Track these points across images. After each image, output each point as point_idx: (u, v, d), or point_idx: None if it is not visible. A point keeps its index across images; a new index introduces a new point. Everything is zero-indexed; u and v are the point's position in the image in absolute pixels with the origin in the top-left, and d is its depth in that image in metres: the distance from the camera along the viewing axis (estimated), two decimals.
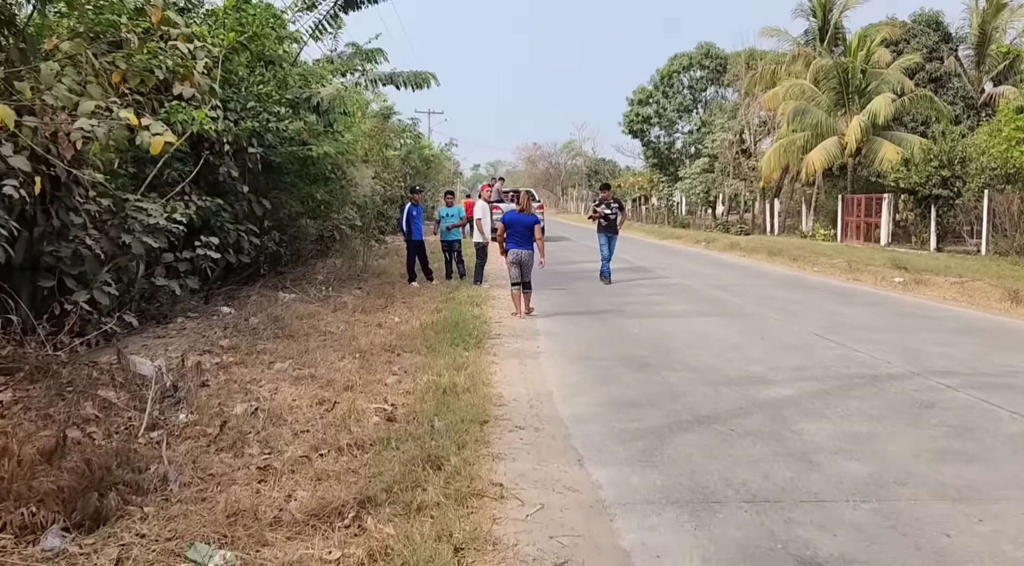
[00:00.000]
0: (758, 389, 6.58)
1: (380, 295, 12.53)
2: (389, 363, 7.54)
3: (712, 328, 9.68)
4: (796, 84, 30.38)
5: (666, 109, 44.96)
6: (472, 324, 9.34)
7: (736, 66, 39.67)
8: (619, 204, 15.40)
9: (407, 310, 11.13)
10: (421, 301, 11.98)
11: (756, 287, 14.23)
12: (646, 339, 8.96)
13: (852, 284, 15.07)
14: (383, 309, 11.07)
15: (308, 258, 16.14)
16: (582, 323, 10.13)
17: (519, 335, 9.20)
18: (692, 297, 12.73)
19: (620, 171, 70.14)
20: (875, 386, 6.68)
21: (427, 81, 13.80)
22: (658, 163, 48.17)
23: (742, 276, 16.45)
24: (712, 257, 22.17)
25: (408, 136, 28.30)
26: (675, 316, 10.70)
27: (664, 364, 7.61)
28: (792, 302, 12.12)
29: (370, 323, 9.78)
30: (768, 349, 8.32)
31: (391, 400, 6.15)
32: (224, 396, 6.08)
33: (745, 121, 38.15)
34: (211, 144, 10.05)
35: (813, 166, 28.64)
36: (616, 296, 12.90)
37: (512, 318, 10.51)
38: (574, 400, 6.30)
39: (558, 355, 8.08)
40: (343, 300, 10.94)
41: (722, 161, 39.34)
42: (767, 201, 36.38)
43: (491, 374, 7.06)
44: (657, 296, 12.82)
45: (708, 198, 42.11)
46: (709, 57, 43.76)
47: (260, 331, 8.77)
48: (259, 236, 11.65)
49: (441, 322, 9.54)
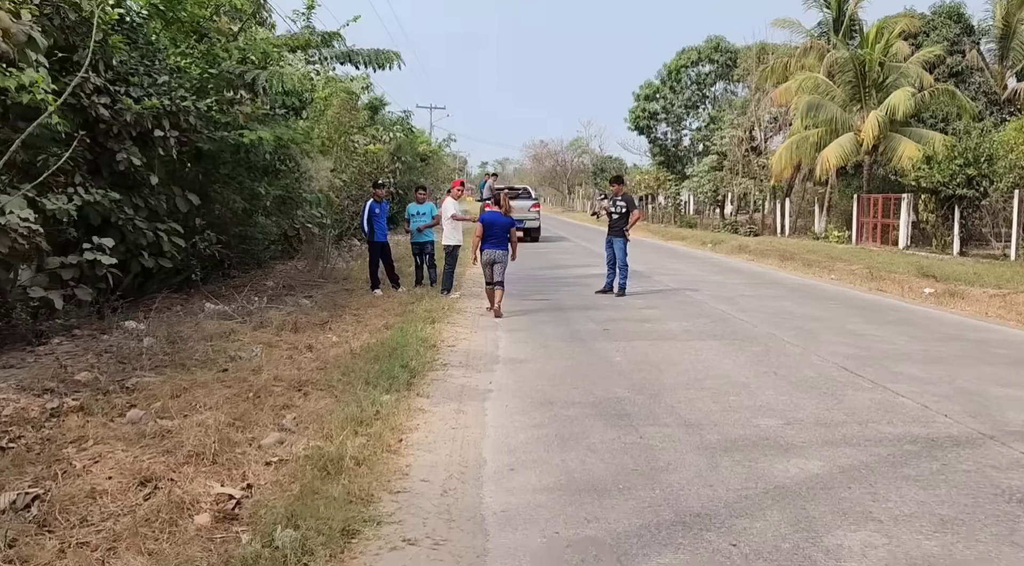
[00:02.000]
0: (772, 461, 4.64)
1: (331, 306, 10.65)
2: (284, 409, 5.65)
3: (713, 356, 7.73)
4: (810, 77, 28.23)
5: (673, 105, 42.70)
6: (415, 350, 7.42)
7: (747, 60, 37.49)
8: (628, 201, 12.55)
9: (353, 326, 9.25)
10: (375, 314, 10.09)
11: (767, 299, 12.24)
12: (630, 372, 7.03)
13: (876, 295, 13.04)
14: (323, 325, 9.18)
15: (266, 260, 14.30)
16: (555, 347, 8.20)
17: (471, 365, 7.27)
18: (692, 312, 10.76)
19: (627, 169, 67.94)
20: (935, 458, 4.72)
21: (390, 60, 11.91)
22: (665, 161, 45.91)
23: (751, 285, 14.43)
24: (719, 261, 20.14)
25: (398, 129, 26.40)
26: (670, 338, 8.74)
27: (648, 414, 5.67)
28: (810, 319, 10.13)
29: (297, 345, 7.89)
30: (783, 389, 6.38)
31: (251, 477, 4.27)
32: (9, 471, 4.21)
33: (755, 117, 36.02)
34: (108, 125, 8.20)
35: (827, 164, 26.49)
36: (603, 310, 10.95)
37: (470, 339, 8.58)
38: (512, 479, 4.38)
39: (513, 397, 6.16)
40: (268, 316, 9.02)
41: (731, 159, 37.17)
42: (778, 201, 34.27)
43: (409, 431, 5.14)
44: (651, 310, 10.85)
45: (716, 197, 39.93)
46: (719, 51, 41.47)
47: (145, 357, 6.90)
48: (184, 237, 9.80)
49: (380, 346, 7.64)
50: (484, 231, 10.62)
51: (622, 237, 12.32)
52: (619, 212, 12.46)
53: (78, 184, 7.81)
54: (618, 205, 12.51)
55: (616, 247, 12.37)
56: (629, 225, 12.39)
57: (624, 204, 12.49)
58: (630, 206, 12.50)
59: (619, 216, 12.46)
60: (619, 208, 12.47)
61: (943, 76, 30.04)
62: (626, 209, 12.45)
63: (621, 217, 12.45)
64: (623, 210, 12.45)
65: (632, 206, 12.52)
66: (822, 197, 31.67)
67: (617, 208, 12.50)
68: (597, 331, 9.13)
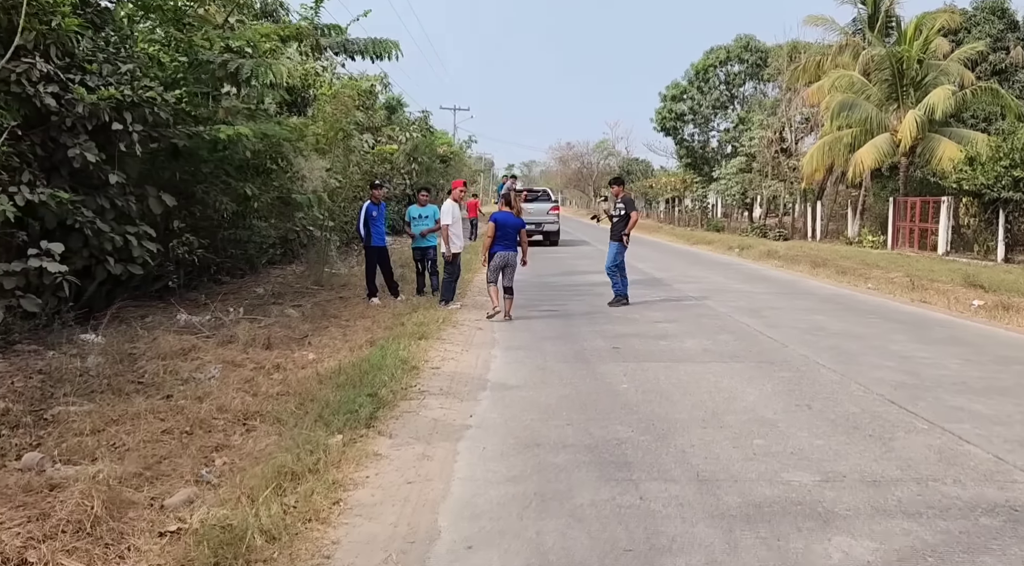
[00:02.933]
0: (808, 539, 3.57)
1: (319, 316, 9.72)
2: (216, 451, 4.69)
3: (736, 383, 6.63)
4: (844, 75, 26.79)
5: (701, 105, 41.34)
6: (391, 373, 6.43)
7: (778, 59, 36.03)
8: (628, 203, 11.53)
9: (337, 340, 8.30)
10: (363, 326, 9.13)
11: (798, 312, 11.05)
12: (637, 403, 5.96)
13: (919, 308, 11.78)
14: (302, 339, 8.24)
15: (262, 265, 13.43)
16: (554, 370, 7.14)
17: (453, 392, 6.25)
18: (714, 327, 9.64)
19: (654, 171, 66.51)
20: (1022, 537, 3.61)
21: (388, 51, 11.00)
22: (692, 162, 44.54)
23: (780, 295, 13.22)
24: (746, 268, 18.87)
25: (415, 129, 25.48)
26: (687, 360, 7.64)
27: (653, 462, 4.62)
28: (847, 337, 8.96)
29: (263, 365, 6.95)
30: (820, 430, 5.27)
31: (129, 558, 3.30)
32: None
33: (786, 117, 34.57)
34: (61, 118, 7.33)
35: (862, 165, 25.06)
36: (615, 323, 9.87)
37: (459, 358, 7.55)
38: (467, 563, 3.36)
39: (493, 436, 5.13)
40: (240, 330, 8.05)
41: (760, 160, 35.76)
42: (808, 204, 32.82)
43: (352, 487, 4.13)
44: (669, 325, 9.74)
45: (745, 200, 38.53)
46: (748, 50, 40.04)
47: (81, 381, 6.01)
48: (159, 240, 8.94)
49: (354, 367, 6.66)
50: (496, 231, 10.09)
51: (618, 241, 11.48)
52: (618, 214, 11.57)
53: (24, 182, 6.95)
54: (617, 207, 11.62)
55: (608, 251, 11.57)
56: (628, 228, 11.47)
57: (623, 206, 11.57)
58: (629, 208, 11.56)
59: (619, 219, 11.55)
60: (618, 210, 11.57)
61: (985, 74, 28.44)
62: (625, 211, 11.54)
63: (620, 220, 11.54)
64: (622, 212, 11.55)
65: (631, 208, 11.58)
66: (855, 200, 30.18)
67: (616, 210, 11.61)
68: (605, 350, 8.06)
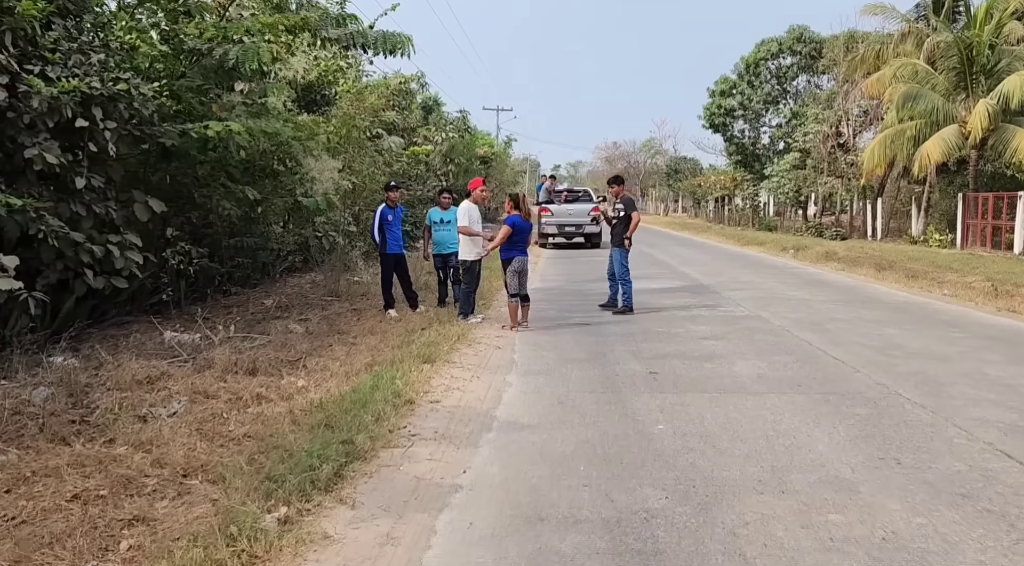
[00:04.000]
0: None
1: (325, 332, 8.72)
2: (126, 528, 3.65)
3: (800, 424, 5.34)
4: (907, 64, 24.86)
5: (751, 100, 39.35)
6: (378, 411, 5.33)
7: (833, 49, 34.00)
8: (628, 204, 10.66)
9: (337, 362, 7.25)
10: (369, 345, 8.07)
11: (867, 325, 9.58)
12: (675, 453, 4.74)
13: (1008, 319, 10.19)
14: (296, 362, 7.21)
15: (278, 274, 12.54)
16: (577, 403, 5.95)
17: (449, 435, 5.10)
18: (770, 345, 8.30)
19: (702, 169, 64.39)
20: None
21: (401, 45, 10.02)
22: (742, 160, 42.55)
23: (844, 304, 11.69)
24: (802, 272, 17.26)
25: (451, 130, 24.46)
26: (737, 390, 6.36)
27: (692, 553, 3.38)
28: (931, 358, 7.53)
29: (240, 396, 5.93)
30: (917, 499, 3.98)
31: None
32: None
33: (843, 111, 32.57)
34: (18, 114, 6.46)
35: (928, 159, 23.10)
36: (655, 339, 8.61)
37: (466, 388, 6.40)
38: None
39: (487, 505, 3.97)
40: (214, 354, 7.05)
41: (815, 156, 33.81)
42: (868, 201, 30.80)
43: None
44: (717, 342, 8.43)
45: (799, 198, 36.52)
46: (801, 41, 37.92)
47: (15, 420, 5.07)
48: (147, 250, 8.06)
49: (338, 403, 5.59)
50: (512, 235, 9.44)
51: (620, 246, 10.61)
52: (618, 215, 10.66)
53: None
54: (616, 208, 10.73)
55: (614, 257, 10.61)
56: (629, 231, 10.58)
57: (623, 207, 10.68)
58: (629, 208, 10.66)
59: (618, 220, 10.63)
60: (618, 211, 10.68)
61: None
62: (625, 212, 10.62)
63: (620, 222, 10.61)
64: (621, 212, 10.63)
65: (631, 208, 10.69)
66: (919, 196, 28.10)
67: (616, 211, 10.71)
68: (641, 375, 6.83)
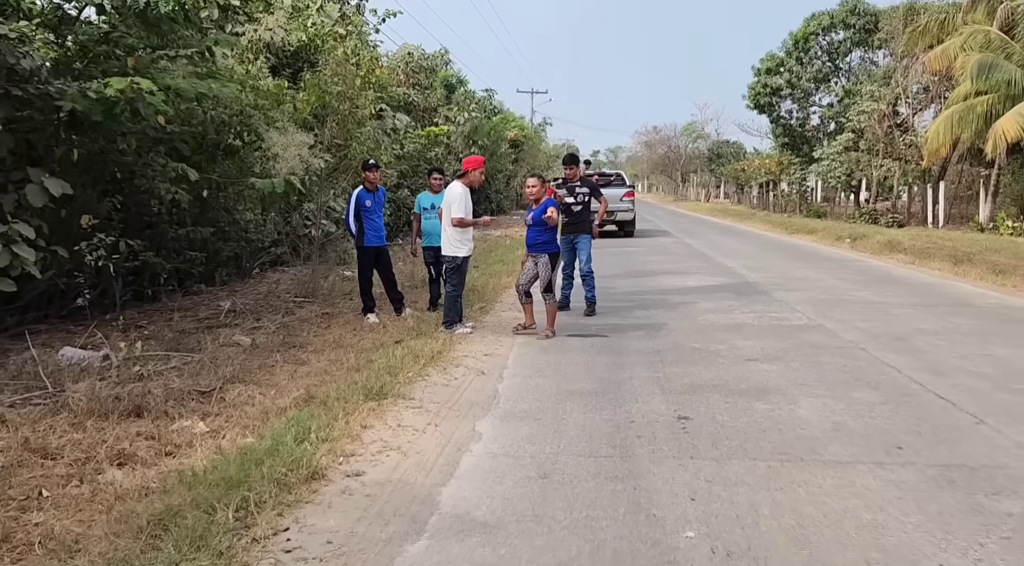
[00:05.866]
0: None
1: (277, 345, 6.93)
2: None
3: (914, 536, 3.30)
4: (979, 31, 22.07)
5: (800, 78, 36.46)
6: (256, 500, 3.47)
7: (892, 21, 31.06)
8: (592, 189, 8.87)
9: (268, 391, 5.45)
10: (320, 367, 6.24)
11: (965, 341, 7.32)
12: None
13: None
14: (207, 394, 5.41)
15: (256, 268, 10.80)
16: (566, 477, 3.95)
17: (347, 550, 3.19)
18: (843, 373, 6.18)
19: (746, 153, 61.20)
20: None
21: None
22: (789, 142, 39.68)
23: (927, 308, 9.28)
24: (864, 265, 14.83)
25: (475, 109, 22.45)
26: (806, 455, 4.30)
27: None
28: None
29: (96, 454, 4.16)
30: None
31: None
32: None
33: (901, 87, 29.66)
34: None
35: (1003, 137, 20.38)
36: (687, 362, 6.56)
37: (416, 441, 4.41)
38: None
39: None
40: (87, 385, 5.28)
41: (869, 137, 30.97)
42: (929, 185, 27.97)
43: None
44: (769, 366, 6.36)
45: (850, 182, 33.67)
46: (856, 14, 34.88)
47: None
48: (54, 243, 6.37)
49: (213, 472, 3.77)
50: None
51: (588, 233, 8.83)
52: (581, 202, 8.78)
53: None
54: (578, 194, 8.79)
55: (579, 247, 8.82)
56: (598, 218, 8.95)
57: (587, 191, 8.82)
58: (595, 193, 8.87)
59: (581, 207, 8.80)
60: (579, 197, 8.78)
61: None
62: (589, 195, 8.80)
63: (584, 208, 8.80)
64: (586, 199, 8.78)
65: (597, 193, 8.92)
66: (987, 180, 25.23)
67: (577, 197, 8.78)
68: (664, 423, 4.84)
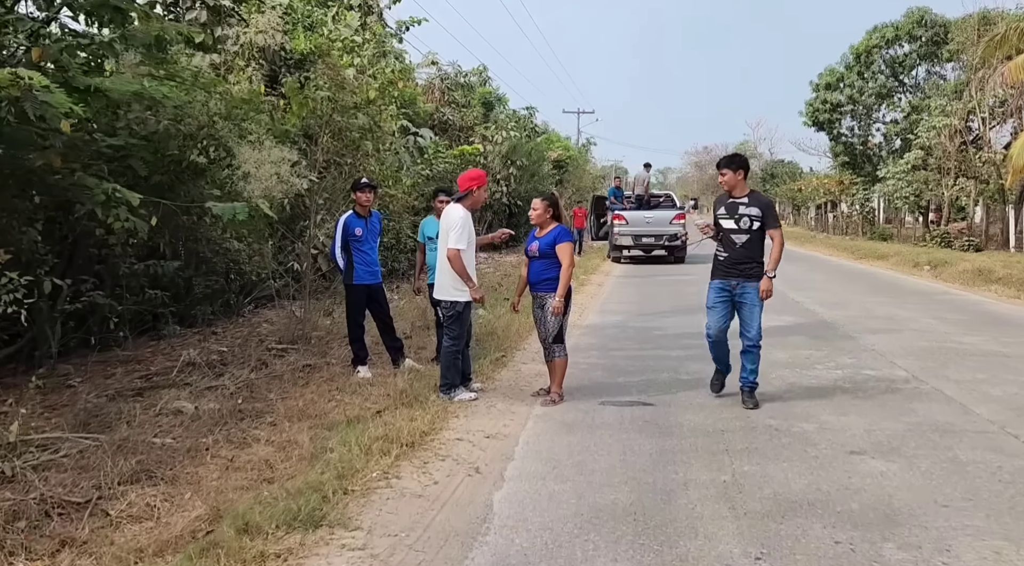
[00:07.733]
0: None
1: (227, 416, 5.34)
2: None
3: None
4: None
5: (862, 93, 33.94)
6: None
7: (964, 32, 28.54)
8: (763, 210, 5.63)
9: (171, 496, 3.85)
10: (264, 454, 4.63)
11: None
12: None
13: None
14: (83, 507, 3.83)
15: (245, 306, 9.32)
16: None
17: None
18: (998, 483, 4.23)
19: (802, 173, 58.26)
20: None
21: None
22: (850, 161, 37.04)
23: None
24: (960, 300, 12.43)
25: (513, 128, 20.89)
26: None
27: None
28: None
29: None
30: None
31: None
32: None
33: (976, 102, 27.07)
34: None
35: None
36: (764, 456, 4.65)
37: None
38: None
39: None
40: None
41: (939, 155, 28.37)
42: (1009, 205, 25.30)
43: None
44: (887, 466, 4.41)
45: (919, 202, 30.97)
46: (923, 25, 32.30)
47: None
48: None
49: None
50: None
51: (757, 281, 5.70)
52: (746, 229, 5.66)
53: None
54: (742, 216, 5.67)
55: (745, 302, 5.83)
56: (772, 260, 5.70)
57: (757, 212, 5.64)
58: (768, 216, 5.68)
59: (748, 236, 5.67)
60: (743, 222, 5.66)
61: None
62: (761, 220, 5.63)
63: (753, 239, 5.69)
64: (755, 224, 5.64)
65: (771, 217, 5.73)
66: None
67: (740, 222, 5.68)
68: None
